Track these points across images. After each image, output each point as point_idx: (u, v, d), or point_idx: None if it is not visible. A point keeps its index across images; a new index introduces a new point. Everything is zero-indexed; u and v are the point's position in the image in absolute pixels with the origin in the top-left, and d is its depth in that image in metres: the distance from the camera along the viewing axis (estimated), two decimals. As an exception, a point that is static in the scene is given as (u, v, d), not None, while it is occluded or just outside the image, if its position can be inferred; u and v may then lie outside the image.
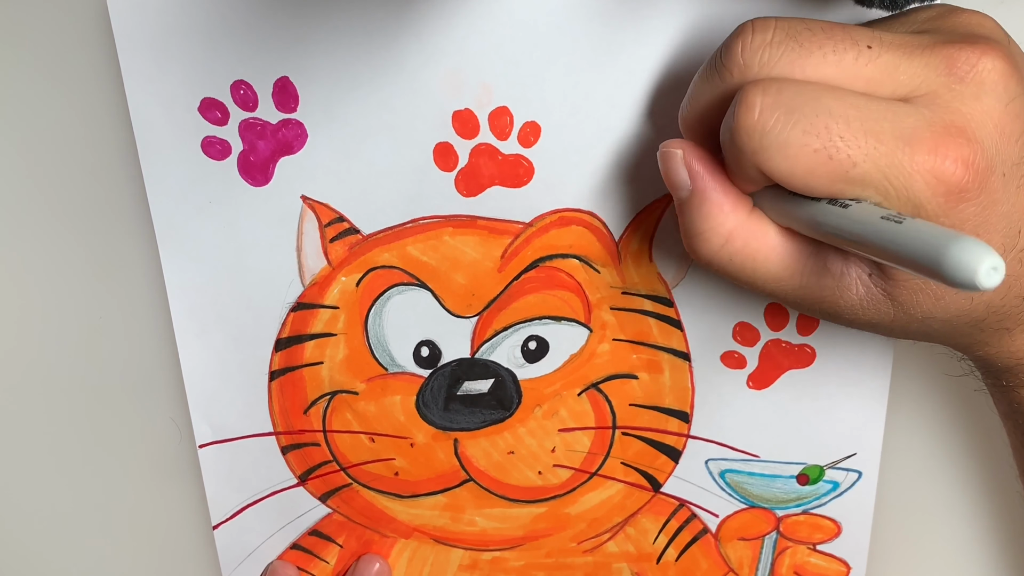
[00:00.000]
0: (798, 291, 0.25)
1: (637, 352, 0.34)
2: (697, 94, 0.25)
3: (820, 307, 0.25)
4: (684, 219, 0.25)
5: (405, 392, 0.35)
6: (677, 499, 0.37)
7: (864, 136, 0.21)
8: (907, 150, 0.21)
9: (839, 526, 0.36)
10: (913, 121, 0.22)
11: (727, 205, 0.24)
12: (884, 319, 0.25)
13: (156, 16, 0.29)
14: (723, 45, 0.24)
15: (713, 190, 0.24)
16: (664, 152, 0.25)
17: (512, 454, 0.36)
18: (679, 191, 0.25)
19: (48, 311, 0.37)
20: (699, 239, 0.25)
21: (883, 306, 0.24)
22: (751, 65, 0.23)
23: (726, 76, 0.23)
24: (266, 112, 0.31)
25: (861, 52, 0.22)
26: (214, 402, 0.35)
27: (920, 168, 0.21)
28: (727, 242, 0.24)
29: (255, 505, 0.37)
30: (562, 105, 0.30)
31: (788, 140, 0.21)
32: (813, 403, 0.34)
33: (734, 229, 0.24)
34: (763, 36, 0.23)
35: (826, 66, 0.22)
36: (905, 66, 0.22)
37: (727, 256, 0.24)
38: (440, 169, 0.31)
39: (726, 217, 0.24)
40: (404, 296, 0.33)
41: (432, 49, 0.30)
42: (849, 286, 0.24)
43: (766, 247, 0.24)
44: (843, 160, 0.21)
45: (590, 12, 0.29)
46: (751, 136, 0.22)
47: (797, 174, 0.22)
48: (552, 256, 0.33)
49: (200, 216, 0.32)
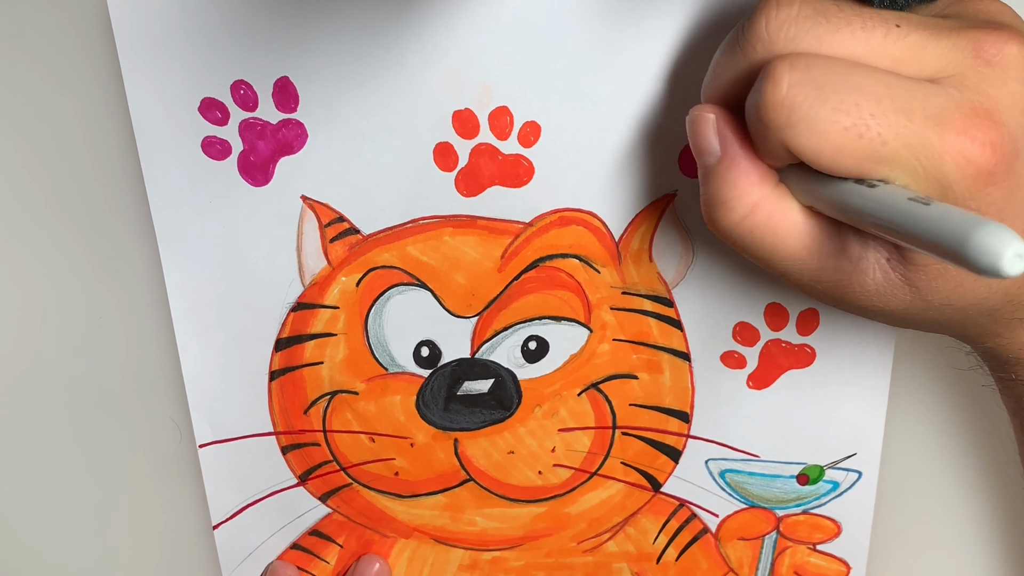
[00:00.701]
0: (814, 272, 0.24)
1: (637, 352, 0.34)
2: (720, 69, 0.24)
3: (835, 291, 0.25)
4: (709, 187, 0.25)
5: (405, 392, 0.35)
6: (677, 499, 0.37)
7: (895, 114, 0.21)
8: (937, 130, 0.21)
9: (839, 526, 0.36)
10: (942, 101, 0.21)
11: (755, 175, 0.24)
12: (899, 306, 0.24)
13: (156, 16, 0.29)
14: (747, 19, 0.23)
15: (743, 158, 0.24)
16: (696, 116, 0.25)
17: (512, 454, 0.36)
18: (707, 157, 0.24)
19: (48, 311, 0.37)
20: (723, 207, 0.24)
21: (900, 292, 0.24)
22: (776, 39, 0.22)
23: (749, 51, 0.23)
24: (266, 112, 0.31)
25: (889, 30, 0.22)
26: (214, 402, 0.35)
27: (950, 149, 0.21)
28: (751, 213, 0.24)
29: (255, 505, 0.37)
30: (562, 105, 0.30)
31: (817, 117, 0.21)
32: (813, 403, 0.34)
33: (759, 200, 0.24)
34: (789, 10, 0.22)
35: (854, 42, 0.22)
36: (933, 46, 0.22)
37: (748, 228, 0.24)
38: (440, 169, 0.31)
39: (752, 187, 0.24)
40: (404, 296, 0.33)
41: (432, 49, 0.30)
42: (866, 270, 0.24)
43: (787, 223, 0.24)
44: (873, 138, 0.21)
45: (590, 12, 0.29)
46: (779, 112, 0.21)
47: (825, 152, 0.21)
48: (552, 256, 0.33)
49: (200, 216, 0.32)
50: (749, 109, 0.23)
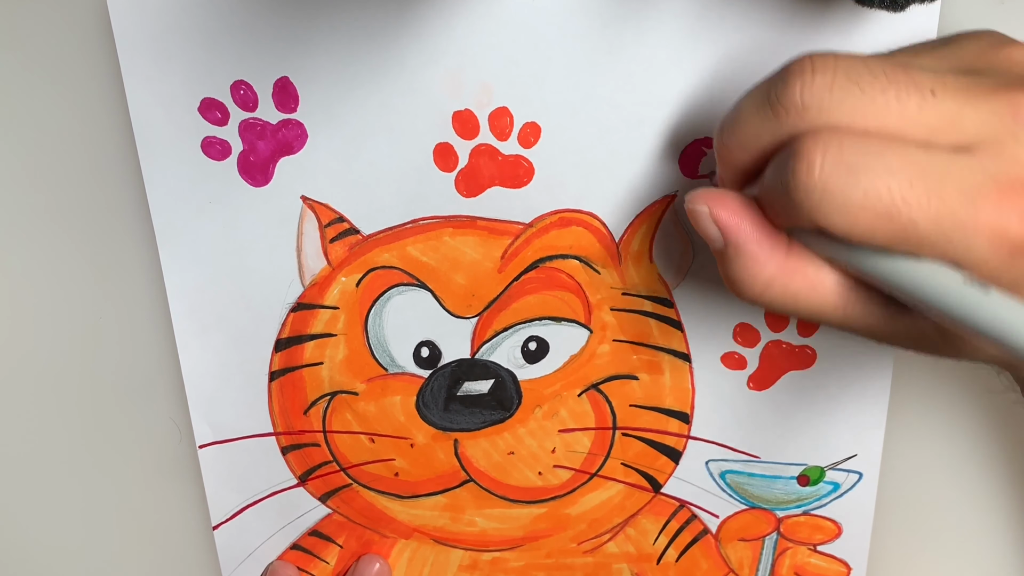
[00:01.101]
0: (843, 322, 0.24)
1: (637, 353, 0.34)
2: (744, 124, 0.24)
3: (871, 333, 0.25)
4: (722, 267, 0.25)
5: (405, 392, 0.35)
6: (677, 500, 0.36)
7: (927, 197, 0.21)
8: (971, 209, 0.21)
9: (839, 527, 0.36)
10: (977, 178, 0.21)
11: (762, 255, 0.24)
12: (931, 348, 0.24)
13: (156, 16, 0.29)
14: (780, 82, 0.22)
15: (747, 242, 0.24)
16: (690, 210, 0.25)
17: (512, 455, 0.36)
18: (713, 243, 0.25)
19: (48, 311, 0.37)
20: (740, 285, 0.24)
21: (931, 336, 0.24)
22: (810, 107, 0.22)
23: (781, 115, 0.22)
24: (266, 112, 0.31)
25: (925, 98, 0.21)
26: (214, 402, 0.35)
27: (984, 226, 0.21)
28: (768, 287, 0.24)
29: (255, 505, 0.37)
30: (562, 105, 0.30)
31: (848, 200, 0.21)
32: (814, 404, 0.34)
33: (773, 275, 0.24)
34: (824, 78, 0.22)
35: (888, 115, 0.21)
36: (969, 113, 0.21)
37: (768, 299, 0.24)
38: (440, 169, 0.31)
39: (763, 266, 0.24)
40: (404, 296, 0.33)
41: (432, 49, 0.30)
42: (895, 317, 0.24)
43: (806, 287, 0.24)
44: (905, 222, 0.21)
45: (590, 12, 0.29)
46: (810, 195, 0.21)
47: (856, 233, 0.21)
48: (552, 257, 0.33)
49: (200, 216, 0.32)
50: (773, 181, 0.22)
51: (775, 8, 0.29)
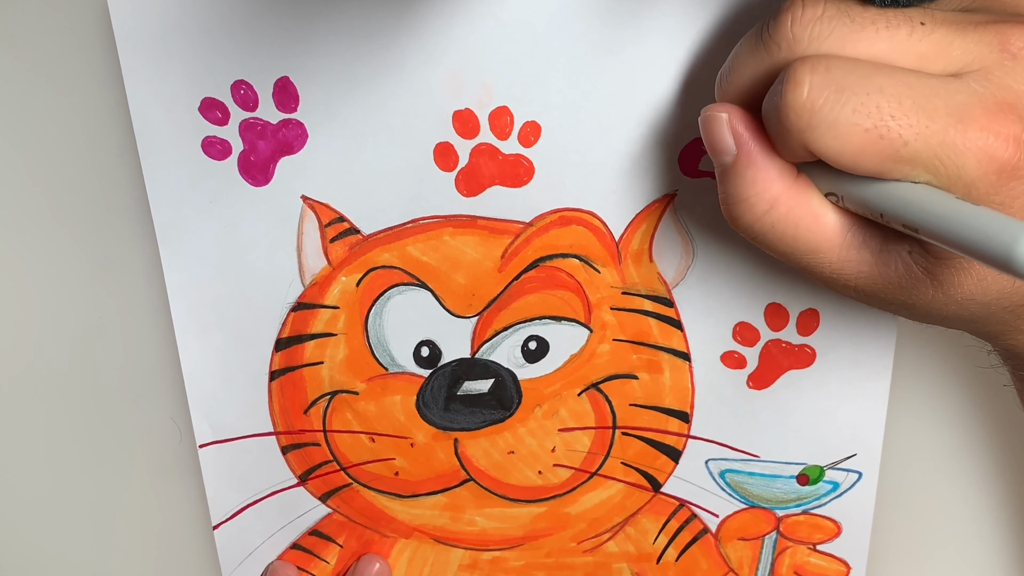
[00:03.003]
0: (836, 264, 0.24)
1: (637, 352, 0.34)
2: (739, 66, 0.24)
3: (856, 283, 0.25)
4: (727, 185, 0.24)
5: (405, 392, 0.35)
6: (677, 499, 0.37)
7: (916, 114, 0.21)
8: (959, 128, 0.21)
9: (839, 526, 0.36)
10: (965, 97, 0.21)
11: (773, 170, 0.24)
12: (921, 299, 0.24)
13: (156, 16, 0.29)
14: (771, 17, 0.23)
15: (760, 154, 0.24)
16: (708, 116, 0.25)
17: (512, 454, 0.36)
18: (723, 156, 0.24)
19: (48, 311, 0.37)
20: (743, 205, 0.24)
21: (922, 285, 0.24)
22: (800, 39, 0.22)
23: (773, 49, 0.23)
24: (266, 112, 0.31)
25: (914, 28, 0.22)
26: (214, 402, 0.35)
27: (972, 146, 0.21)
28: (771, 208, 0.24)
29: (255, 505, 0.37)
30: (562, 105, 0.30)
31: (838, 120, 0.21)
32: (813, 403, 0.34)
33: (779, 195, 0.24)
34: (814, 10, 0.22)
35: (878, 41, 0.22)
36: (958, 42, 0.22)
37: (770, 223, 0.24)
38: (440, 169, 0.31)
39: (772, 182, 0.24)
40: (404, 296, 0.33)
41: (432, 49, 0.30)
42: (887, 262, 0.24)
43: (808, 216, 0.24)
44: (894, 139, 0.21)
45: (590, 12, 0.29)
46: (799, 115, 0.21)
47: (846, 154, 0.21)
48: (552, 256, 0.33)
49: (200, 216, 0.32)
50: (768, 110, 0.23)
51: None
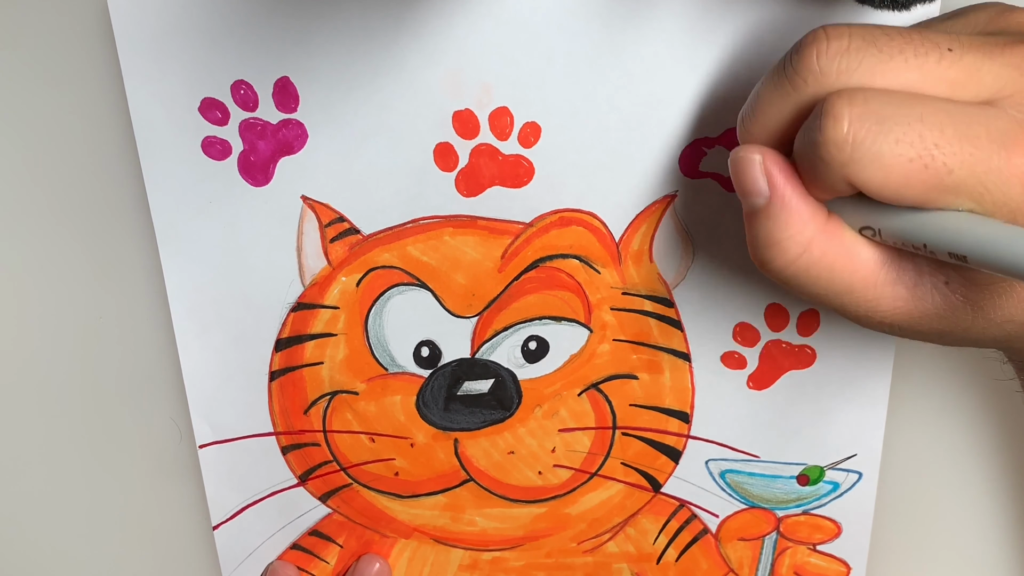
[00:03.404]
0: (870, 303, 0.24)
1: (637, 352, 0.34)
2: (764, 104, 0.24)
3: (891, 319, 0.24)
4: (758, 228, 0.24)
5: (405, 392, 0.35)
6: (677, 499, 0.37)
7: (959, 142, 0.21)
8: (1003, 154, 0.21)
9: (839, 526, 0.36)
10: (1004, 124, 0.21)
11: (807, 213, 0.23)
12: (959, 326, 0.24)
13: (156, 16, 0.29)
14: (794, 53, 0.23)
15: (793, 196, 0.23)
16: (740, 157, 0.24)
17: (512, 454, 0.36)
18: (755, 198, 0.24)
19: (48, 311, 0.37)
20: (775, 249, 0.23)
21: (961, 312, 0.23)
22: (828, 73, 0.22)
23: (800, 85, 0.22)
24: (266, 112, 0.31)
25: (943, 55, 0.22)
26: (214, 402, 0.35)
27: (1017, 171, 0.21)
28: (805, 251, 0.23)
29: (255, 505, 0.37)
30: (562, 105, 0.30)
31: (881, 151, 0.21)
32: (813, 404, 0.34)
33: (813, 237, 0.23)
34: (839, 42, 0.22)
35: (908, 71, 0.21)
36: (988, 67, 0.22)
37: (803, 266, 0.23)
38: (440, 169, 0.31)
39: (805, 225, 0.23)
40: (404, 296, 0.33)
41: (432, 49, 0.30)
42: (923, 296, 0.23)
43: (844, 256, 0.23)
44: (939, 168, 0.21)
45: (590, 12, 0.29)
46: (841, 149, 0.21)
47: (890, 186, 0.21)
48: (552, 256, 0.33)
49: (200, 216, 0.32)
50: (803, 146, 0.22)
51: (776, 8, 0.29)
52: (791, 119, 0.23)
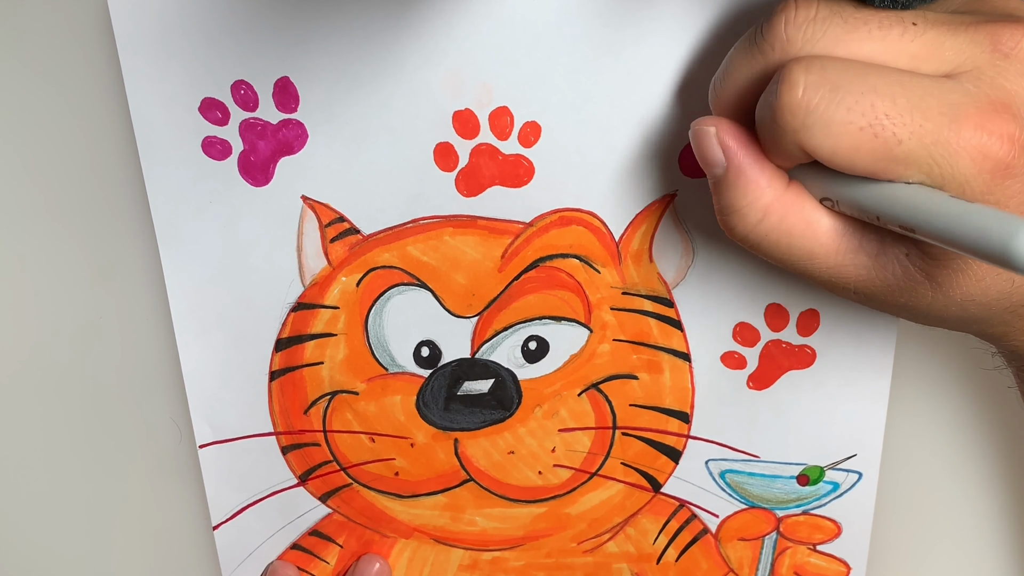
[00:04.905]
0: (832, 270, 0.24)
1: (637, 352, 0.34)
2: (733, 69, 0.24)
3: (854, 286, 0.25)
4: (719, 196, 0.25)
5: (405, 392, 0.35)
6: (677, 499, 0.37)
7: (910, 113, 0.21)
8: (953, 127, 0.21)
9: (839, 526, 0.36)
10: (958, 97, 0.21)
11: (763, 180, 0.24)
12: (921, 301, 0.24)
13: (157, 16, 0.29)
14: (764, 20, 0.23)
15: (749, 165, 0.24)
16: (697, 130, 0.25)
17: (512, 454, 0.36)
18: (714, 168, 0.25)
19: (48, 311, 0.37)
20: (736, 215, 0.24)
21: (921, 287, 0.24)
22: (794, 40, 0.22)
23: (767, 51, 0.23)
24: (266, 112, 0.31)
25: (907, 28, 0.22)
26: (214, 402, 0.35)
27: (966, 145, 0.21)
28: (764, 217, 0.24)
29: (255, 505, 0.37)
30: (562, 105, 0.30)
31: (832, 118, 0.21)
32: (813, 404, 0.34)
33: (771, 204, 0.24)
34: (807, 11, 0.22)
35: (871, 42, 0.22)
36: (950, 42, 0.22)
37: (763, 232, 0.24)
38: (440, 169, 0.31)
39: (762, 192, 0.24)
40: (404, 296, 0.33)
41: (432, 49, 0.30)
42: (885, 265, 0.24)
43: (803, 222, 0.24)
44: (888, 138, 0.21)
45: (590, 12, 0.29)
46: (794, 114, 0.21)
47: (841, 153, 0.21)
48: (552, 256, 0.33)
49: (200, 216, 0.32)
50: (762, 111, 0.23)
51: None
52: (758, 85, 0.24)
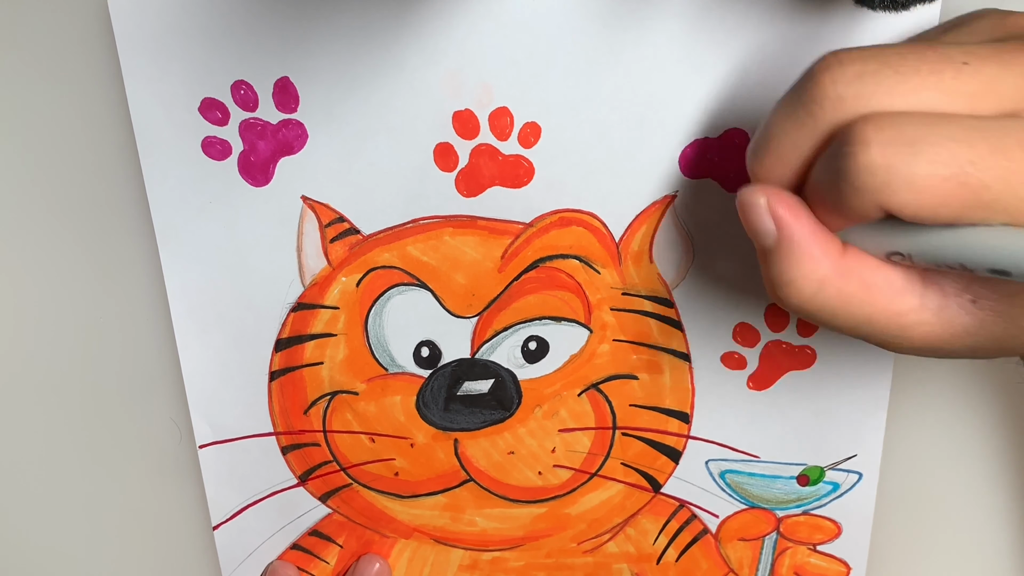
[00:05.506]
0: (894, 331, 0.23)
1: (637, 352, 0.34)
2: (778, 134, 0.23)
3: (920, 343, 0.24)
4: (770, 268, 0.24)
5: (405, 392, 0.35)
6: (677, 500, 0.37)
7: (992, 156, 0.20)
8: None
9: (839, 527, 0.36)
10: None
11: (818, 250, 0.23)
12: (990, 341, 0.23)
13: (156, 16, 0.29)
14: (807, 81, 0.22)
15: (804, 236, 0.23)
16: (745, 201, 0.24)
17: (512, 454, 0.36)
18: (764, 239, 0.23)
19: (48, 311, 0.37)
20: (789, 287, 0.23)
21: (991, 326, 0.23)
22: (845, 98, 0.21)
23: (816, 113, 0.22)
24: (266, 112, 0.31)
25: (959, 70, 0.21)
26: (214, 402, 0.35)
27: None
28: (820, 288, 0.23)
29: (255, 505, 0.37)
30: (562, 106, 0.30)
31: (915, 173, 0.20)
32: (813, 404, 0.34)
33: (827, 275, 0.23)
34: (853, 67, 0.21)
35: (926, 90, 0.21)
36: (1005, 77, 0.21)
37: (820, 302, 0.23)
38: (440, 169, 0.31)
39: (818, 263, 0.23)
40: (404, 296, 0.33)
41: (432, 49, 0.30)
42: (951, 319, 0.23)
43: (861, 290, 0.23)
44: (975, 185, 0.20)
45: (590, 13, 0.29)
46: (874, 174, 0.20)
47: (927, 207, 0.21)
48: (552, 256, 0.33)
49: (200, 216, 0.32)
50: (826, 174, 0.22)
51: (775, 9, 0.29)
52: (809, 149, 0.23)
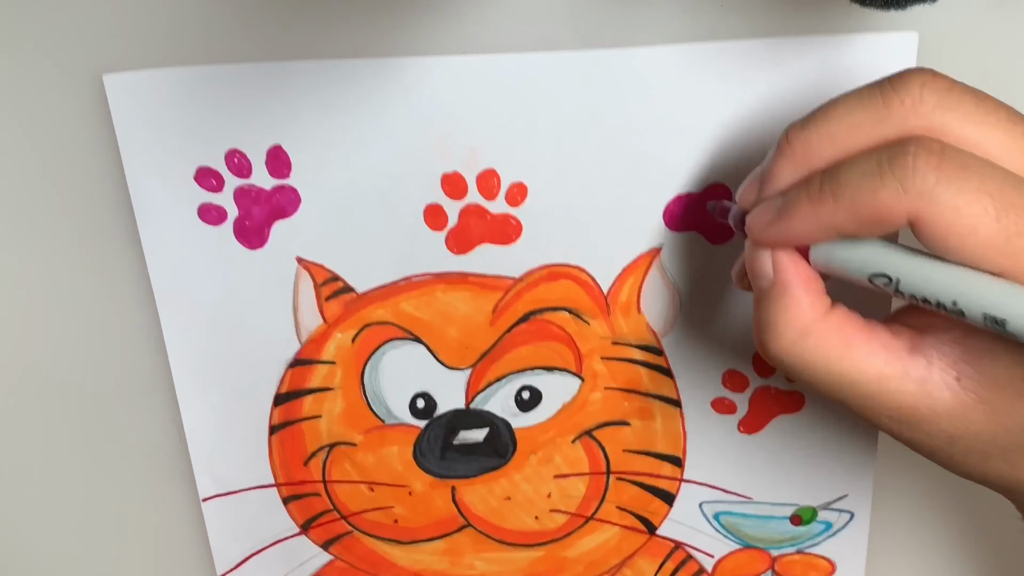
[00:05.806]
0: (873, 397, 0.23)
1: (629, 400, 0.35)
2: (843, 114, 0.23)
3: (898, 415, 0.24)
4: (759, 310, 0.25)
5: (402, 442, 0.35)
6: (673, 541, 0.37)
7: None
8: None
9: (833, 565, 0.37)
10: None
11: (806, 300, 0.24)
12: (969, 430, 0.23)
13: (151, 90, 0.30)
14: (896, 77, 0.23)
15: (796, 285, 0.24)
16: (757, 242, 0.25)
17: (509, 500, 0.36)
18: (760, 280, 0.25)
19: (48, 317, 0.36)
20: (773, 331, 0.24)
21: (972, 413, 0.23)
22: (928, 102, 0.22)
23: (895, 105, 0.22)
24: (260, 178, 0.32)
25: None
26: (216, 457, 0.36)
27: None
28: (800, 337, 0.24)
29: (259, 554, 0.38)
30: (548, 165, 0.31)
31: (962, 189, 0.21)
32: (804, 447, 0.35)
33: (810, 324, 0.24)
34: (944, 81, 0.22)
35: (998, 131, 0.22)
36: None
37: (798, 352, 0.24)
38: (431, 229, 0.32)
39: (803, 312, 0.24)
40: (399, 350, 0.34)
41: (420, 115, 0.30)
42: (932, 392, 0.23)
43: (842, 346, 0.23)
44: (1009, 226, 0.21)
45: (572, 76, 0.30)
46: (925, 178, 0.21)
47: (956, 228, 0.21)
48: (543, 309, 0.33)
49: (198, 279, 0.33)
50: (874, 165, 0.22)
51: (754, 68, 0.29)
52: (866, 137, 0.23)
